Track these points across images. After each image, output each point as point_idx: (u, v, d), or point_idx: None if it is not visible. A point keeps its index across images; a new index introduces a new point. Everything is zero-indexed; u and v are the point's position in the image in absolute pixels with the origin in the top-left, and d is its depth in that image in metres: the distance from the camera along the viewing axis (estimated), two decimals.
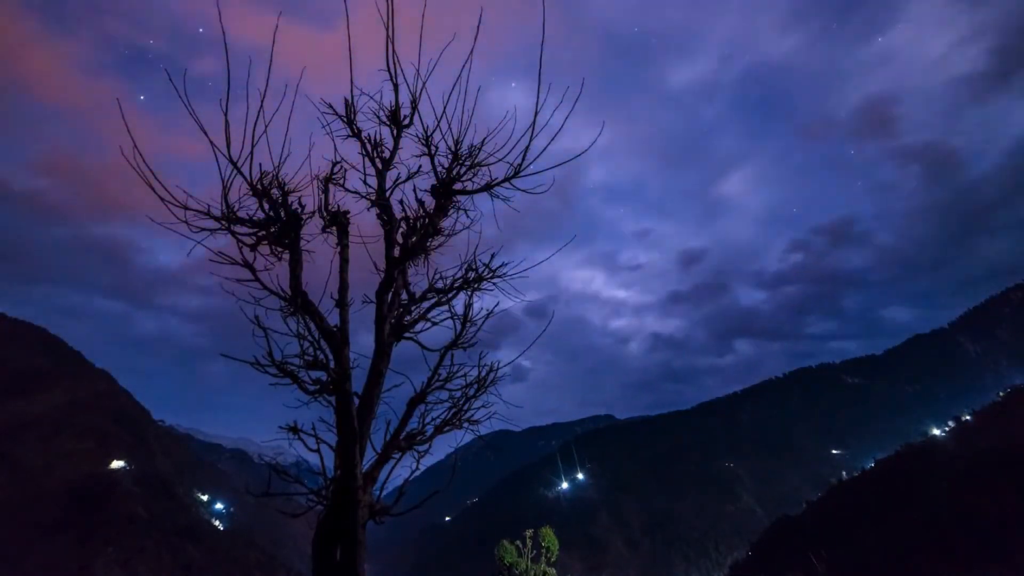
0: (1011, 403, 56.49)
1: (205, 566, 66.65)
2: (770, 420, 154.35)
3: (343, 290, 4.25)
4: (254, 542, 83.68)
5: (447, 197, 4.59)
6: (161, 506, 70.69)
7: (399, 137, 4.28)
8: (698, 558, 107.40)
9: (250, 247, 4.12)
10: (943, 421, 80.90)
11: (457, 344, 4.78)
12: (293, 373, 4.03)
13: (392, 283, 4.53)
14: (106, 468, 70.60)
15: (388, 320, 4.45)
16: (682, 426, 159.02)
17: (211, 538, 74.18)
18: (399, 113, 4.18)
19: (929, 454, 54.99)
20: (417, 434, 4.51)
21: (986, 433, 51.55)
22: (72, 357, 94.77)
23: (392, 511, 4.09)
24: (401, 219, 4.61)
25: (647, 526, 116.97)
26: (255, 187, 4.00)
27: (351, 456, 3.79)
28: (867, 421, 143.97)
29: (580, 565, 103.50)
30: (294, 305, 4.09)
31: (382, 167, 4.40)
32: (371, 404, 4.22)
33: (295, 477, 4.23)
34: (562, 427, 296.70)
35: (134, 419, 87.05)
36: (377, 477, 4.16)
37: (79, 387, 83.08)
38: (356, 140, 4.34)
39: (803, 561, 48.10)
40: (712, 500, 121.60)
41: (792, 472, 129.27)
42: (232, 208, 3.96)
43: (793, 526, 62.58)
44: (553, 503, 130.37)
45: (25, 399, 74.55)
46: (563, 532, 16.55)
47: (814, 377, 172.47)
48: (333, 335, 4.11)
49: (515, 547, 10.09)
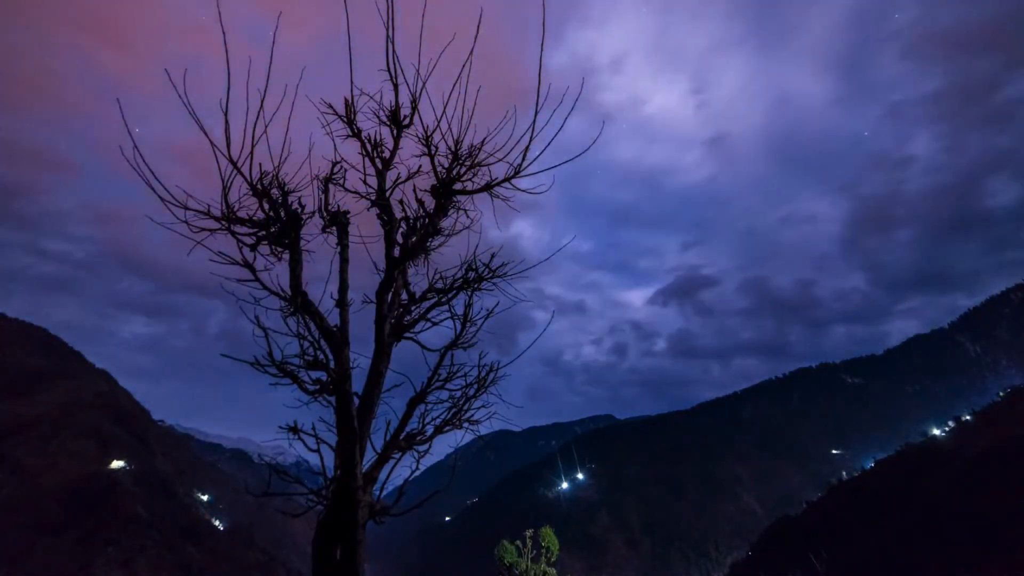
0: (1011, 403, 56.46)
1: (205, 566, 66.65)
2: (770, 420, 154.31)
3: (343, 290, 4.25)
4: (254, 542, 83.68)
5: (447, 197, 4.59)
6: (161, 506, 70.67)
7: (399, 137, 4.28)
8: (698, 558, 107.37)
9: (250, 247, 4.12)
10: (943, 421, 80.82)
11: (457, 344, 4.78)
12: (293, 373, 4.03)
13: (392, 283, 4.53)
14: (106, 468, 70.57)
15: (388, 320, 4.45)
16: (682, 426, 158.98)
17: (211, 538, 74.16)
18: (399, 113, 4.18)
19: (929, 454, 54.95)
20: (417, 434, 4.51)
21: (986, 433, 51.51)
22: (72, 357, 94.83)
23: (392, 511, 4.08)
24: (401, 219, 4.61)
25: (647, 526, 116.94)
26: (255, 187, 4.00)
27: (351, 456, 3.79)
28: (867, 421, 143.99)
29: (580, 565, 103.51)
30: (294, 305, 4.09)
31: (382, 167, 4.40)
32: (371, 404, 4.21)
33: (295, 477, 4.23)
34: (562, 427, 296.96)
35: (134, 419, 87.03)
36: (377, 477, 4.16)
37: (79, 387, 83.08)
38: (356, 140, 4.33)
39: (803, 561, 48.10)
40: (712, 500, 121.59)
41: (792, 472, 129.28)
42: (232, 208, 3.96)
43: (793, 526, 62.53)
44: (553, 503, 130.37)
45: (25, 399, 74.55)
46: (563, 532, 16.54)
47: (814, 377, 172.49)
48: (333, 335, 4.11)
49: (515, 547, 10.08)
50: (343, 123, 4.27)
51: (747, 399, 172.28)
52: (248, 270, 4.11)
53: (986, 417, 56.88)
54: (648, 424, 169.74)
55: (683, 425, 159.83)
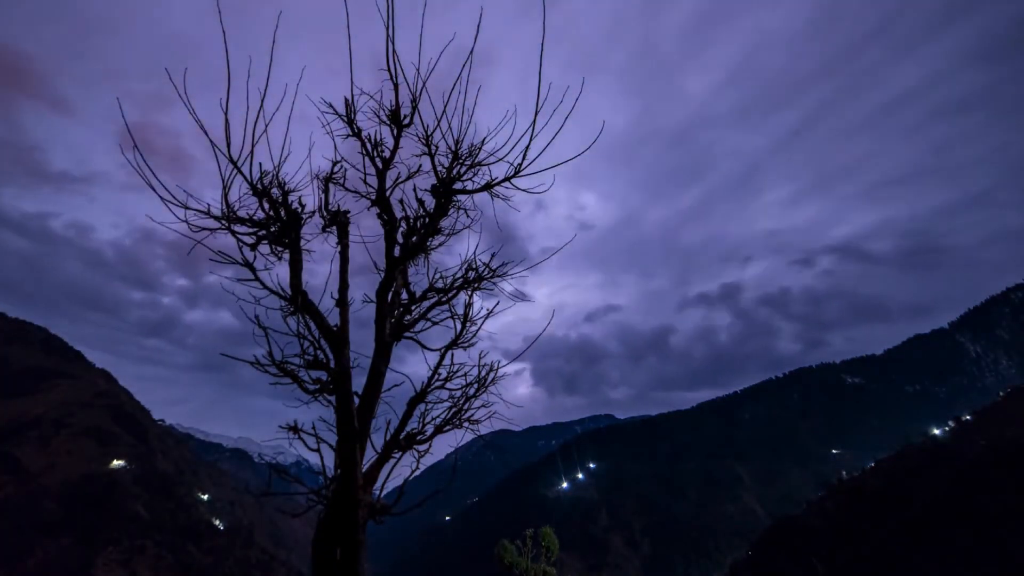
0: (1011, 403, 56.51)
1: (205, 566, 66.67)
2: (770, 420, 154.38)
3: (343, 289, 4.26)
4: (254, 542, 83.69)
5: (447, 197, 4.58)
6: (161, 506, 70.70)
7: (399, 136, 4.27)
8: (698, 558, 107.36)
9: (250, 247, 4.12)
10: (943, 421, 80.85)
11: (457, 344, 4.78)
12: (293, 373, 4.03)
13: (392, 283, 4.53)
14: (106, 468, 70.60)
15: (388, 320, 4.45)
16: (682, 426, 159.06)
17: (211, 538, 74.17)
18: (399, 112, 4.17)
19: (929, 454, 54.95)
20: (417, 434, 4.51)
21: (986, 433, 51.56)
22: (72, 357, 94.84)
23: (392, 511, 4.08)
24: (401, 219, 4.61)
25: (647, 526, 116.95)
26: (255, 187, 4.00)
27: (351, 456, 3.79)
28: (867, 421, 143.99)
29: (580, 565, 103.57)
30: (294, 304, 4.09)
31: (382, 167, 4.39)
32: (371, 404, 4.21)
33: (295, 477, 4.23)
34: (562, 427, 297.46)
35: (134, 419, 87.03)
36: (377, 477, 4.16)
37: (79, 387, 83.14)
38: (356, 140, 4.33)
39: (803, 561, 48.13)
40: (712, 500, 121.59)
41: (792, 472, 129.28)
42: (232, 208, 3.96)
43: (793, 526, 62.47)
44: (553, 503, 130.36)
45: (25, 399, 74.61)
46: (563, 532, 16.55)
47: (814, 377, 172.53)
48: (333, 334, 4.11)
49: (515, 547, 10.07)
50: (343, 122, 4.27)
51: (747, 399, 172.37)
52: (248, 270, 4.11)
53: (986, 417, 56.92)
54: (648, 424, 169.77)
55: (683, 425, 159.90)
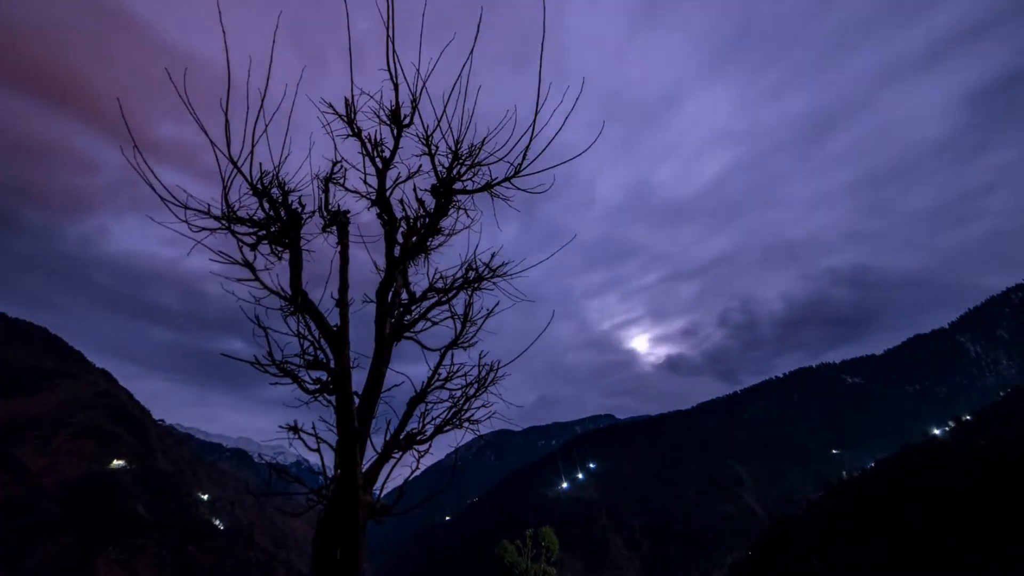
0: (1011, 403, 56.51)
1: (205, 566, 66.66)
2: (770, 420, 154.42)
3: (343, 289, 4.25)
4: (254, 542, 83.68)
5: (447, 197, 4.58)
6: (161, 506, 70.71)
7: (399, 136, 4.27)
8: (698, 558, 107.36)
9: (250, 247, 4.12)
10: (943, 421, 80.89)
11: (457, 344, 4.78)
12: (293, 373, 4.03)
13: (392, 283, 4.53)
14: (106, 468, 70.62)
15: (388, 320, 4.45)
16: (682, 426, 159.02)
17: (211, 538, 74.17)
18: (399, 112, 4.17)
19: (929, 454, 54.93)
20: (417, 434, 4.51)
21: (986, 433, 51.56)
22: (72, 357, 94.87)
23: (392, 511, 4.08)
24: (401, 219, 4.61)
25: (647, 526, 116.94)
26: (255, 186, 4.00)
27: (351, 456, 3.79)
28: (867, 421, 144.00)
29: (580, 565, 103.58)
30: (294, 304, 4.09)
31: (382, 167, 4.39)
32: (371, 404, 4.21)
33: (295, 477, 4.23)
34: (562, 427, 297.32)
35: (134, 419, 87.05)
36: (377, 477, 4.16)
37: (79, 387, 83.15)
38: (356, 140, 4.33)
39: (803, 561, 48.13)
40: (712, 500, 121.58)
41: (792, 472, 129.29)
42: (232, 207, 3.96)
43: (793, 526, 62.43)
44: (553, 503, 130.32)
45: (25, 399, 74.61)
46: (563, 532, 16.55)
47: (814, 377, 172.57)
48: (333, 335, 4.11)
49: (515, 547, 10.07)
50: (343, 122, 4.26)
51: (747, 399, 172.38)
52: (248, 270, 4.11)
53: (986, 417, 56.92)
54: (648, 424, 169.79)
55: (683, 425, 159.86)
